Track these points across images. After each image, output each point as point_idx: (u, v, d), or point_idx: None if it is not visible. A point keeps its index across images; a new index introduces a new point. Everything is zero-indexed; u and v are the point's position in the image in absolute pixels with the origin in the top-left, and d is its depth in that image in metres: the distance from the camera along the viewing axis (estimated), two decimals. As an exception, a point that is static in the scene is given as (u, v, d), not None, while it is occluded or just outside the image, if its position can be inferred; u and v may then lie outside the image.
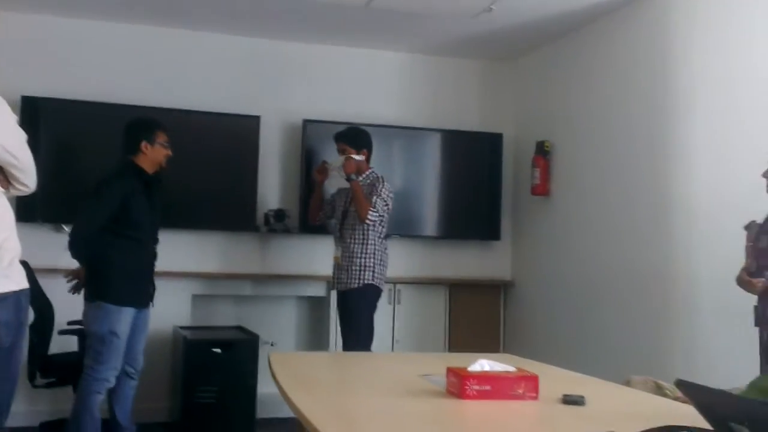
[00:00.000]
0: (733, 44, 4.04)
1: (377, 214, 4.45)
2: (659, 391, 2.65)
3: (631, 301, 4.65)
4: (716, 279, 3.82)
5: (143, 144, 4.03)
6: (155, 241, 4.17)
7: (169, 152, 4.13)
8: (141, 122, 4.16)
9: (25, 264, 2.50)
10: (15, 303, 2.37)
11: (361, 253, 4.48)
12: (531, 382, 2.13)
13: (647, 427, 1.63)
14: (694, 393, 1.41)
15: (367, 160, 4.63)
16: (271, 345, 5.46)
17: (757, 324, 3.28)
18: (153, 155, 4.06)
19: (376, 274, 4.49)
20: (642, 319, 4.53)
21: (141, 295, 4.06)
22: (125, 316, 3.93)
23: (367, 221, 4.44)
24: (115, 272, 3.91)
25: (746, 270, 3.27)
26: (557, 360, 3.13)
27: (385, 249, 4.59)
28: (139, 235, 4.01)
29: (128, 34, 5.47)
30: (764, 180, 3.15)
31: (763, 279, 3.18)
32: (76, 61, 5.36)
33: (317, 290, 5.66)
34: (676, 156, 4.35)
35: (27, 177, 2.51)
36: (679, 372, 3.76)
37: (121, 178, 3.98)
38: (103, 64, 5.40)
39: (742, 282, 3.28)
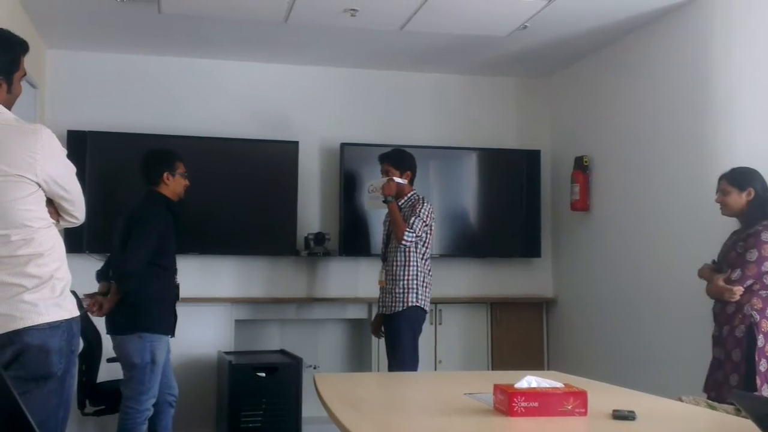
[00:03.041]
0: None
1: (414, 235, 4.43)
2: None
3: (677, 317, 4.58)
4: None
5: (165, 175, 4.04)
6: (175, 270, 4.17)
7: (188, 183, 4.14)
8: (161, 154, 4.17)
9: (73, 294, 2.56)
10: (67, 331, 2.42)
11: (404, 275, 4.47)
12: (580, 398, 2.11)
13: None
14: (748, 403, 1.39)
15: (411, 182, 4.64)
16: (314, 368, 5.48)
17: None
18: (174, 186, 4.07)
19: (419, 296, 4.48)
20: (688, 335, 4.44)
21: (173, 322, 4.08)
22: (164, 344, 3.97)
23: (404, 242, 4.43)
24: (153, 302, 3.92)
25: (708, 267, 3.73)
26: (603, 377, 3.09)
27: (429, 271, 4.57)
28: (169, 264, 4.03)
29: (169, 66, 5.59)
30: None
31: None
32: (119, 95, 5.50)
33: (359, 312, 5.67)
34: (718, 168, 4.28)
35: (76, 209, 2.57)
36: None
37: (159, 208, 4.01)
38: (146, 96, 5.53)
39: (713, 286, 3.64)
